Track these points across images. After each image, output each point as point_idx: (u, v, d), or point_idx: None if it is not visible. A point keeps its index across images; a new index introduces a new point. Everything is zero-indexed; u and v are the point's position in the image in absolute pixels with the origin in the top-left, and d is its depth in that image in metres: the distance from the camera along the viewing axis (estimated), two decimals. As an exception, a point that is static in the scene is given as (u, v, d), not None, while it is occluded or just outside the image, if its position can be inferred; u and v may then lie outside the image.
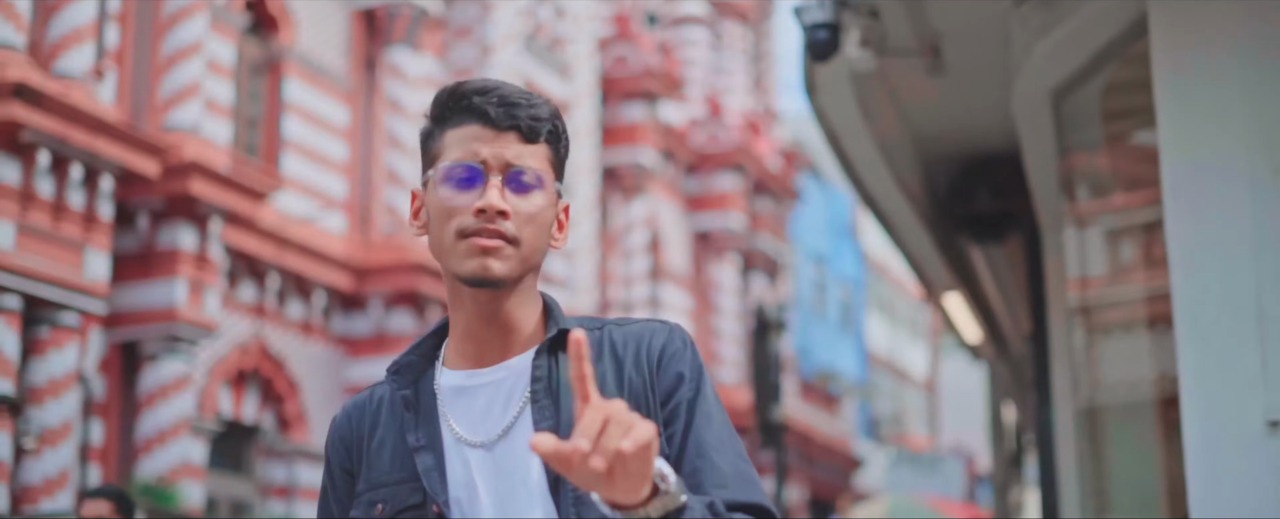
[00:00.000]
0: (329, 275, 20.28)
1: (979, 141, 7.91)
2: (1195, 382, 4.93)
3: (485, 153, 2.21)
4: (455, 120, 2.26)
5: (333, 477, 2.35)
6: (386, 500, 2.26)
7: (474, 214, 2.19)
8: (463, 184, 2.21)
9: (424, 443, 2.26)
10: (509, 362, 2.28)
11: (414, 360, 2.33)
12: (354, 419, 2.36)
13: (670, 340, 2.31)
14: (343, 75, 21.45)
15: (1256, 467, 4.74)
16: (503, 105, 2.23)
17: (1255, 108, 4.90)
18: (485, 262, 2.18)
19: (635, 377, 2.27)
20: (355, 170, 21.56)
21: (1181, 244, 5.03)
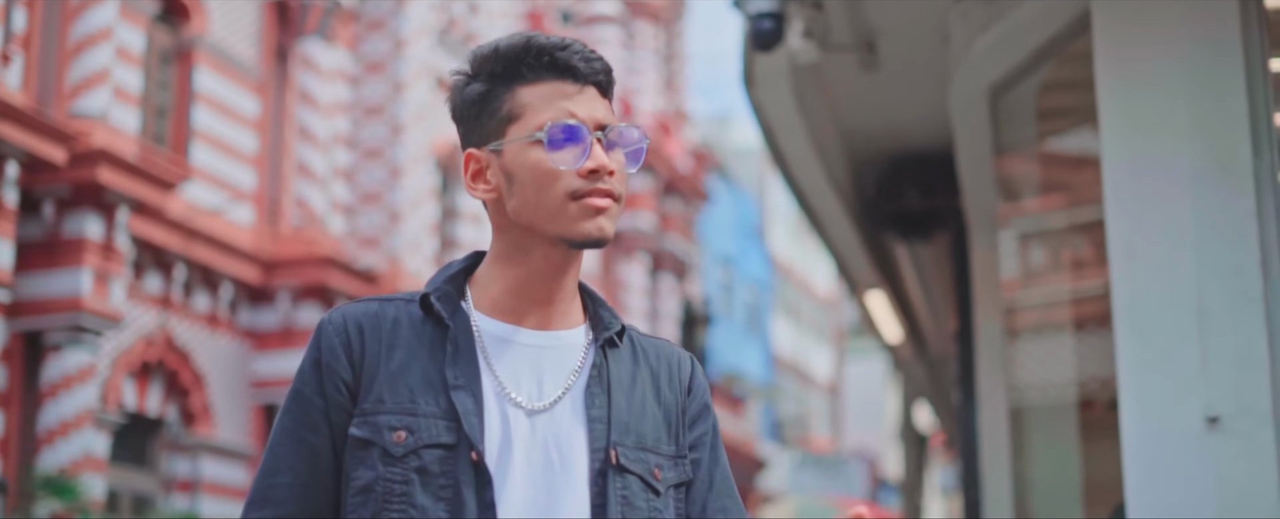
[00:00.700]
0: (237, 268, 20.05)
1: (908, 139, 7.91)
2: (1134, 378, 4.94)
3: (580, 111, 2.17)
4: (532, 77, 2.19)
5: (323, 384, 2.17)
6: (411, 429, 2.13)
7: (582, 175, 2.14)
8: (565, 144, 2.15)
9: (463, 383, 2.16)
10: (558, 332, 2.23)
11: (451, 291, 2.23)
12: (366, 330, 2.19)
13: (696, 370, 2.36)
14: (254, 66, 21.21)
15: (1195, 463, 4.75)
16: (585, 60, 2.20)
17: (1198, 104, 4.92)
18: (601, 223, 2.15)
19: (669, 395, 2.28)
20: (265, 162, 21.33)
21: (1122, 240, 5.04)
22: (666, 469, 2.22)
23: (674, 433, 2.26)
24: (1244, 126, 4.83)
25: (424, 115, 24.15)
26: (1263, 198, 4.80)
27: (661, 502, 2.19)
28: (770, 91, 6.94)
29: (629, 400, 2.21)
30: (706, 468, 2.28)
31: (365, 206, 23.52)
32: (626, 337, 2.29)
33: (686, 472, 2.25)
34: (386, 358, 2.17)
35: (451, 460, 2.11)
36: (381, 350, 2.18)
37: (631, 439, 2.19)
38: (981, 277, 7.41)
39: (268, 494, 2.19)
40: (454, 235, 25.71)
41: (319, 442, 2.18)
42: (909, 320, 11.72)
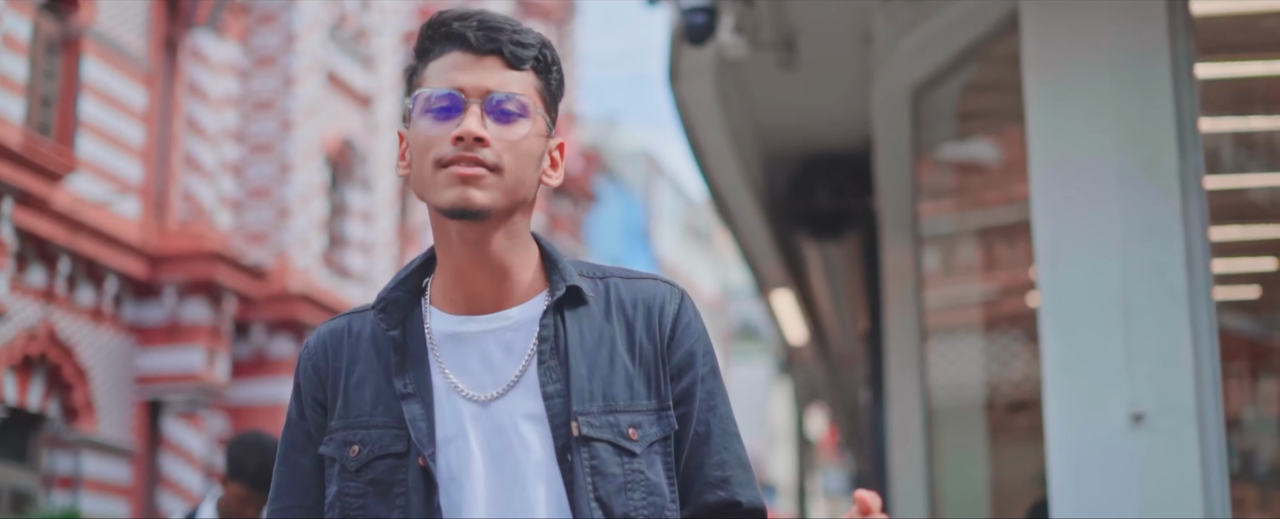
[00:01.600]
0: (122, 262, 19.71)
1: (822, 139, 7.96)
2: (1060, 374, 5.00)
3: (463, 80, 2.11)
4: (436, 50, 2.16)
5: (302, 406, 2.22)
6: (365, 443, 2.13)
7: (452, 142, 2.08)
8: (441, 114, 2.10)
9: (412, 390, 2.14)
10: (508, 311, 2.17)
11: (400, 297, 2.20)
12: (330, 348, 2.22)
13: (682, 310, 2.23)
14: (142, 57, 20.87)
15: (1119, 460, 4.82)
16: (483, 29, 2.13)
17: (1125, 106, 5.00)
18: (465, 191, 2.07)
19: (646, 344, 2.19)
20: (152, 155, 21.00)
21: (1049, 238, 5.11)
22: (647, 425, 2.14)
23: (654, 385, 2.17)
24: (1170, 129, 4.92)
25: (314, 111, 23.92)
26: (1188, 199, 4.89)
27: (642, 461, 2.12)
28: (694, 87, 6.95)
29: (592, 363, 2.14)
30: (698, 418, 2.19)
31: (253, 202, 23.26)
32: (602, 287, 2.21)
33: (672, 425, 2.17)
34: (347, 373, 2.19)
35: (403, 469, 2.11)
36: (343, 367, 2.20)
37: (597, 405, 2.12)
38: (893, 277, 7.47)
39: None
40: (343, 233, 25.49)
41: (307, 463, 2.21)
42: (813, 320, 11.78)
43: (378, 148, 26.22)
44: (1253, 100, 5.83)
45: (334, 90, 25.04)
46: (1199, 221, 4.88)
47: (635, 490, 2.11)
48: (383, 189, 26.44)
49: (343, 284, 24.92)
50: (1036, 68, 5.17)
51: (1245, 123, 5.96)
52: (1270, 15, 5.67)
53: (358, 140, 25.64)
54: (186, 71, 21.50)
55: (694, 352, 2.21)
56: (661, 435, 2.16)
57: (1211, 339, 4.84)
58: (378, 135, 26.24)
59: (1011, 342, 7.90)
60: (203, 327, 20.54)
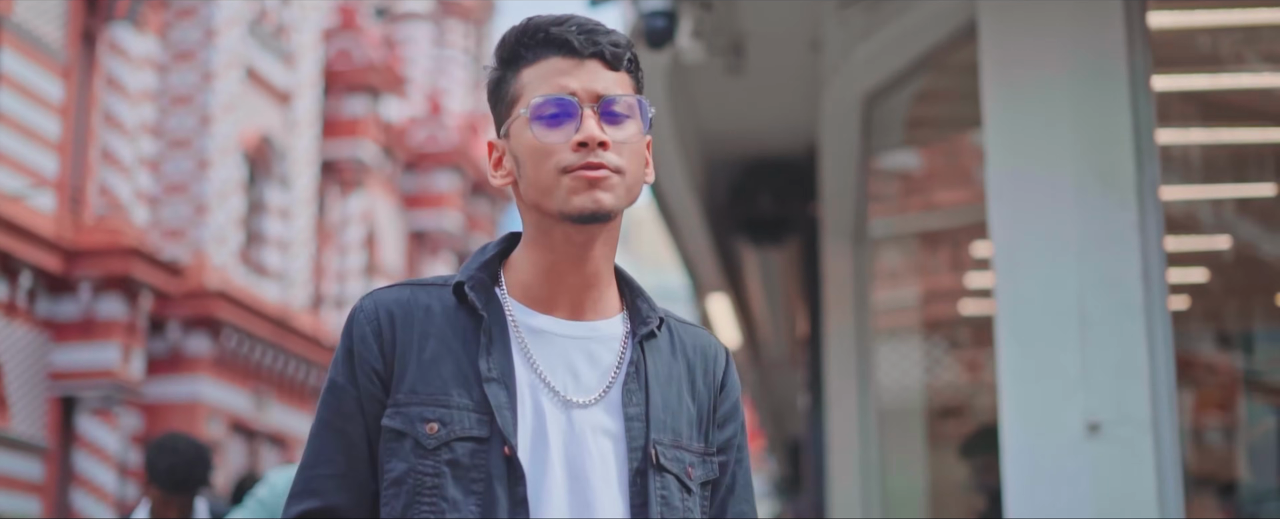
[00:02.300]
0: (36, 255, 19.42)
1: (764, 145, 7.97)
2: (1016, 384, 5.02)
3: (574, 85, 2.09)
4: (531, 57, 2.13)
5: (354, 373, 2.13)
6: (444, 422, 2.08)
7: (573, 149, 2.06)
8: (555, 120, 2.08)
9: (496, 375, 2.10)
10: (594, 323, 2.17)
11: (484, 279, 2.17)
12: (397, 319, 2.14)
13: (730, 367, 2.29)
14: (60, 49, 20.57)
15: (1074, 469, 4.85)
16: (583, 32, 2.11)
17: (1082, 115, 5.03)
18: (595, 195, 2.06)
19: (703, 391, 2.23)
20: (68, 148, 20.71)
21: (1006, 248, 5.13)
22: (697, 467, 2.18)
23: (704, 430, 2.20)
24: (1127, 141, 4.95)
25: (233, 106, 23.71)
26: (1144, 211, 4.92)
27: (693, 500, 2.16)
28: (645, 91, 6.90)
29: (665, 397, 2.16)
30: (732, 470, 2.24)
31: (171, 197, 23.02)
32: (665, 326, 2.22)
33: (713, 470, 2.21)
34: (419, 347, 2.12)
35: (484, 454, 2.07)
36: (413, 339, 2.13)
37: (668, 437, 2.14)
38: (834, 282, 7.49)
39: (310, 486, 2.14)
40: (261, 229, 25.27)
41: (355, 431, 2.13)
42: (747, 325, 11.80)
43: (296, 144, 26.03)
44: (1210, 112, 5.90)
45: (253, 86, 24.82)
46: (1155, 234, 4.92)
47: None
48: (301, 186, 26.24)
49: (260, 281, 24.70)
50: (994, 78, 5.19)
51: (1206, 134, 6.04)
52: (1226, 28, 5.74)
53: (276, 137, 25.43)
54: (104, 65, 21.24)
55: (737, 405, 2.27)
56: (706, 479, 2.20)
57: (1167, 350, 4.88)
58: (296, 132, 26.04)
59: (942, 347, 7.96)
60: (118, 323, 20.30)
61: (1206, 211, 6.65)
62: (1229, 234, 6.95)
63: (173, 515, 5.54)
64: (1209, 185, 6.44)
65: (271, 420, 24.52)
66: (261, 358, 23.92)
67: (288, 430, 25.11)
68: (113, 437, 20.21)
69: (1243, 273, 6.99)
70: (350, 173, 28.72)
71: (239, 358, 23.31)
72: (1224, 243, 7.04)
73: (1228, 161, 6.49)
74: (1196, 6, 5.60)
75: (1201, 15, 5.66)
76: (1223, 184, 6.54)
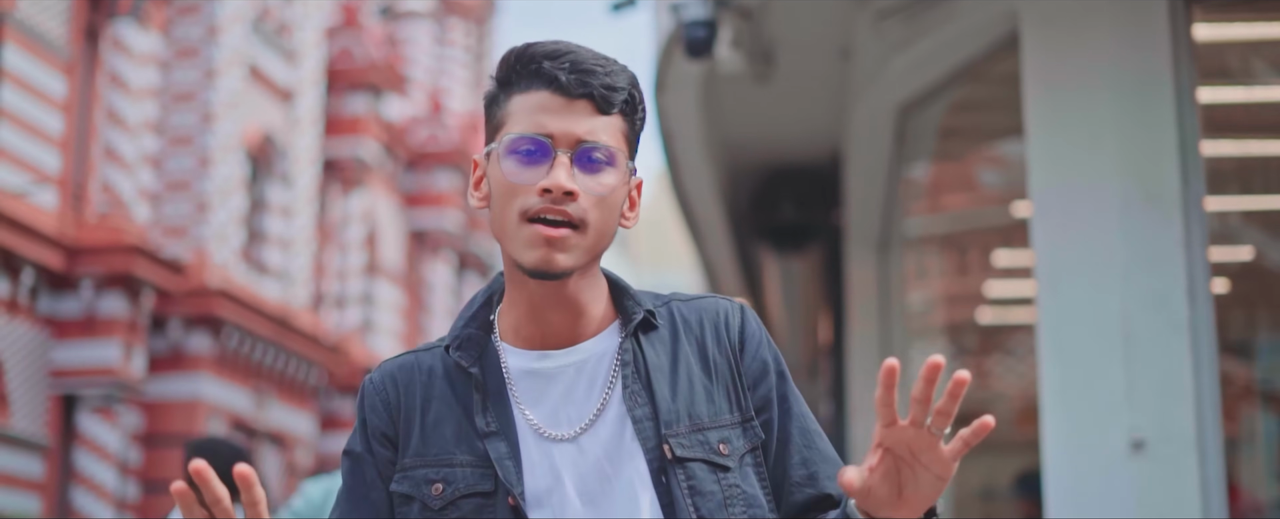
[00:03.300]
0: (38, 253, 19.35)
1: (789, 153, 7.94)
2: (1058, 401, 4.99)
3: (553, 126, 2.03)
4: (522, 85, 2.07)
5: (370, 442, 2.15)
6: (449, 481, 2.07)
7: (539, 193, 2.01)
8: (528, 158, 2.02)
9: (495, 428, 2.08)
10: (584, 344, 2.11)
11: (474, 333, 2.14)
12: (401, 384, 2.15)
13: (747, 322, 2.19)
14: (63, 45, 20.50)
15: (1118, 487, 4.81)
16: (575, 72, 2.04)
17: (1127, 133, 4.99)
18: (549, 254, 2.01)
19: (719, 358, 2.14)
20: (71, 145, 20.64)
21: (1048, 263, 5.09)
22: (734, 438, 2.10)
23: (735, 398, 2.12)
24: (1172, 156, 4.92)
25: (236, 104, 23.65)
26: (1190, 227, 4.89)
27: (736, 475, 2.09)
28: (678, 99, 6.90)
29: (674, 385, 2.11)
30: (778, 425, 2.14)
31: (172, 195, 22.96)
32: (666, 312, 2.17)
33: (758, 434, 2.12)
34: (423, 410, 2.13)
35: (490, 508, 2.06)
36: (417, 404, 2.14)
37: (684, 424, 2.08)
38: (858, 290, 7.45)
39: None
40: (262, 228, 25.21)
41: (379, 498, 2.15)
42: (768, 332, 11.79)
43: (298, 142, 25.98)
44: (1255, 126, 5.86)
45: (255, 84, 24.76)
46: (1201, 250, 4.89)
47: (735, 505, 2.07)
48: (303, 184, 26.18)
49: (261, 280, 24.65)
50: (1037, 91, 5.16)
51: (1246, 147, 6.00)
52: (1272, 42, 5.70)
53: (278, 135, 25.37)
54: (107, 61, 21.17)
55: (765, 360, 2.17)
56: (750, 446, 2.12)
57: (1211, 367, 4.85)
58: (298, 130, 25.99)
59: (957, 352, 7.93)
60: (119, 320, 20.23)
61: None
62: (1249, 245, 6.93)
63: None
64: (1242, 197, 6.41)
65: (272, 419, 24.47)
66: (262, 356, 23.87)
67: (288, 429, 25.06)
68: (113, 435, 20.15)
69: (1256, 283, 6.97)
70: (351, 171, 28.66)
71: (240, 356, 23.26)
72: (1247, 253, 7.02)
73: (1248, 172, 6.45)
74: (1242, 19, 5.56)
75: (1248, 27, 5.61)
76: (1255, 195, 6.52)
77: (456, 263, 34.21)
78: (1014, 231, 6.58)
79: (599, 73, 2.06)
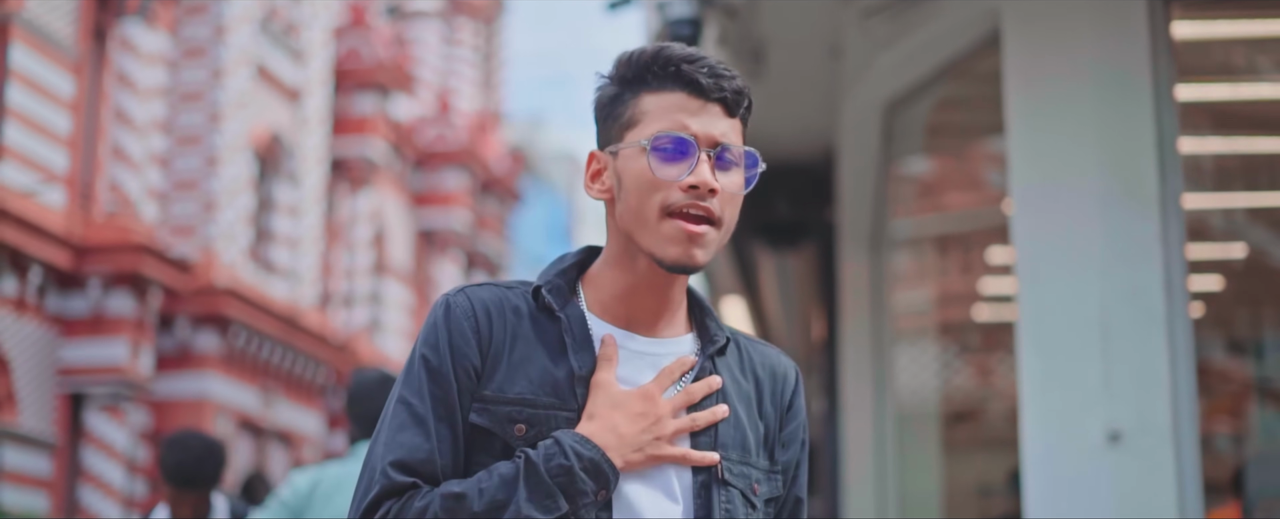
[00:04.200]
0: (46, 251, 19.45)
1: (782, 150, 7.97)
2: (1038, 394, 5.05)
3: (695, 126, 2.12)
4: (657, 85, 2.15)
5: (455, 368, 2.14)
6: (531, 422, 2.11)
7: (683, 189, 2.09)
8: (671, 156, 2.11)
9: (584, 373, 2.14)
10: (666, 340, 2.21)
11: (563, 285, 2.21)
12: (493, 316, 2.17)
13: (799, 385, 2.32)
14: (71, 45, 20.60)
15: (1095, 478, 4.87)
16: (713, 75, 2.13)
17: (1106, 129, 5.05)
18: (691, 250, 2.10)
19: (770, 408, 2.26)
20: (79, 144, 20.73)
21: (1028, 257, 5.15)
22: (765, 483, 2.22)
23: (770, 447, 2.24)
24: (1151, 152, 4.97)
25: (243, 104, 23.74)
26: (1167, 222, 4.94)
27: (758, 515, 2.20)
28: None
29: (735, 413, 2.20)
30: (788, 492, 2.28)
31: (180, 194, 23.05)
32: (733, 343, 2.26)
33: (779, 488, 2.25)
34: (510, 347, 2.16)
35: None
36: (506, 339, 2.16)
37: (737, 453, 2.18)
38: (851, 287, 7.50)
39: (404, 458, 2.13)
40: (270, 228, 25.31)
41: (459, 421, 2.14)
42: (762, 329, 11.83)
43: (306, 142, 26.07)
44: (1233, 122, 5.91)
45: (263, 83, 24.85)
46: (1178, 245, 4.94)
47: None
48: (310, 184, 26.27)
49: (269, 279, 24.74)
50: (1018, 88, 5.22)
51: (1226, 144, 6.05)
52: (1250, 39, 5.76)
53: (286, 134, 25.47)
54: (115, 61, 21.27)
55: (799, 431, 2.30)
56: (772, 495, 2.24)
57: (1188, 360, 4.90)
58: (306, 129, 26.08)
59: (953, 351, 7.97)
60: (127, 319, 20.33)
61: (1222, 219, 6.68)
62: (1243, 241, 6.97)
63: (187, 512, 5.57)
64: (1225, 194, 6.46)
65: (279, 418, 24.56)
66: (270, 355, 23.96)
67: (296, 428, 25.15)
68: (121, 433, 20.24)
69: (1257, 280, 7.01)
70: (359, 171, 28.75)
71: (247, 355, 23.35)
72: (1239, 250, 7.06)
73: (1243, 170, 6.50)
74: (1221, 17, 5.62)
75: (1226, 25, 5.67)
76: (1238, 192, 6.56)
77: (465, 262, 34.28)
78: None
79: (730, 77, 2.16)
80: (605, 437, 2.08)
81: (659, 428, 2.11)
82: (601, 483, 2.08)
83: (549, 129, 47.81)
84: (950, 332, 8.05)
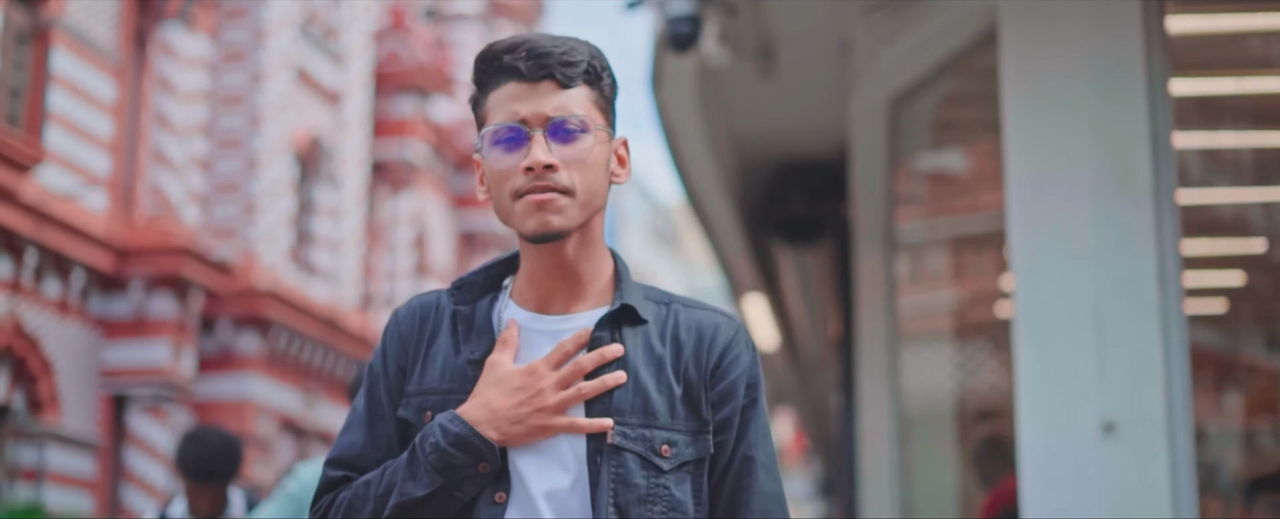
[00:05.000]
0: (89, 254, 19.66)
1: (798, 147, 8.05)
2: (1033, 385, 5.09)
3: (524, 110, 2.23)
4: (493, 83, 2.28)
5: (386, 368, 2.34)
6: (436, 408, 2.26)
7: (523, 173, 2.21)
8: (508, 145, 2.23)
9: (478, 357, 2.27)
10: (573, 315, 2.30)
11: (479, 281, 2.35)
12: (418, 318, 2.35)
13: (734, 341, 2.34)
14: (112, 49, 20.81)
15: (1090, 469, 4.91)
16: (532, 58, 2.24)
17: (1100, 122, 5.09)
18: (543, 217, 2.20)
19: (693, 370, 2.30)
20: (121, 148, 20.95)
21: (1024, 252, 5.19)
22: (683, 445, 2.25)
23: (696, 408, 2.27)
24: (1144, 145, 5.01)
25: (284, 107, 23.91)
26: (1161, 214, 4.98)
27: (671, 478, 2.23)
28: (675, 94, 7.04)
29: (638, 379, 2.26)
30: (735, 449, 2.29)
31: (221, 197, 23.23)
32: (665, 312, 2.33)
33: (708, 447, 2.27)
34: (429, 344, 2.33)
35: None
36: (427, 338, 2.34)
37: (636, 418, 2.24)
38: (866, 284, 7.55)
39: (342, 455, 2.34)
40: (310, 229, 25.48)
41: (392, 417, 2.34)
42: (784, 326, 11.87)
43: (346, 144, 26.23)
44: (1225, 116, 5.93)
45: (303, 87, 25.02)
46: (1171, 236, 4.98)
47: (656, 504, 2.22)
48: (350, 186, 26.43)
49: (309, 280, 24.91)
50: (1014, 82, 5.26)
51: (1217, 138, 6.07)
52: (1244, 34, 5.78)
53: (326, 137, 25.63)
54: (156, 65, 21.46)
55: (737, 384, 2.31)
56: (696, 457, 2.27)
57: (1182, 351, 4.94)
58: (346, 132, 26.24)
59: (977, 350, 7.99)
60: (169, 321, 20.51)
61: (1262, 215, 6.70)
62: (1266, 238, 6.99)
63: (205, 505, 5.67)
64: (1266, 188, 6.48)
65: (320, 419, 24.72)
66: (311, 357, 24.13)
67: (337, 429, 25.27)
68: (163, 434, 20.42)
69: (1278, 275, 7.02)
70: (400, 173, 28.90)
71: (288, 357, 23.52)
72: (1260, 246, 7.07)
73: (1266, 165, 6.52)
74: (1215, 11, 5.64)
75: (1220, 19, 5.69)
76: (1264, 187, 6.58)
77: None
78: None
79: (555, 53, 2.26)
80: (477, 412, 2.19)
81: (539, 400, 2.20)
82: (476, 456, 2.18)
83: (592, 130, 47.78)
84: (980, 331, 8.07)
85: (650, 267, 51.67)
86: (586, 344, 2.26)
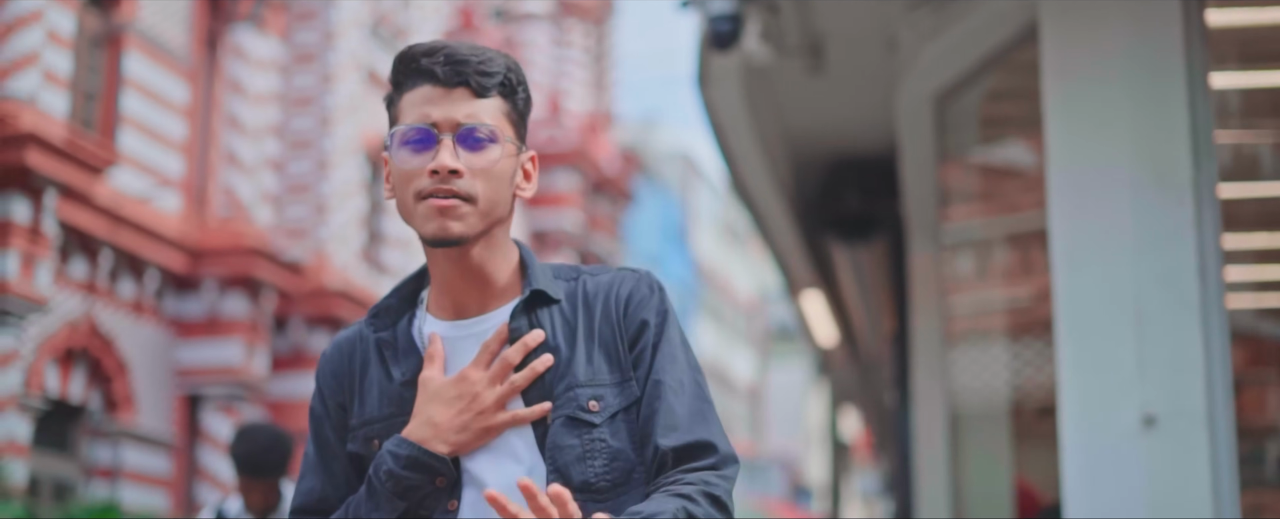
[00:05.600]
0: (163, 255, 19.93)
1: (850, 143, 8.07)
2: (1074, 379, 5.09)
3: (435, 114, 2.27)
4: (409, 84, 2.32)
5: (326, 407, 2.40)
6: (382, 435, 2.33)
7: (428, 175, 2.24)
8: (416, 146, 2.27)
9: (408, 378, 2.33)
10: (490, 314, 2.35)
11: (393, 304, 2.41)
12: (345, 353, 2.41)
13: (637, 287, 2.39)
14: (184, 52, 21.08)
15: (1130, 463, 4.91)
16: (450, 64, 2.28)
17: (1140, 116, 5.08)
18: (443, 223, 2.24)
19: (604, 327, 2.35)
20: (194, 150, 21.21)
21: (1064, 245, 5.20)
22: (610, 397, 2.30)
23: (616, 359, 2.33)
24: (1184, 139, 5.00)
25: (354, 108, 24.10)
26: (1201, 208, 4.97)
27: (604, 430, 2.29)
28: (722, 92, 7.08)
29: (560, 356, 2.32)
30: (642, 382, 2.33)
31: (293, 197, 23.45)
32: (574, 285, 2.38)
33: (634, 392, 2.32)
34: (362, 377, 2.39)
35: None
36: (358, 371, 2.40)
37: (561, 386, 2.30)
38: (919, 281, 7.56)
39: (303, 500, 2.43)
40: (381, 229, 25.68)
41: (342, 455, 2.41)
42: (843, 322, 11.88)
43: (417, 145, 26.38)
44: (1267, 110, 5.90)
45: (374, 88, 25.20)
46: (1212, 230, 4.97)
47: (596, 459, 2.28)
48: (421, 186, 26.59)
49: (381, 280, 25.09)
50: (1054, 78, 5.26)
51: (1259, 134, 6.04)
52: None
53: (397, 137, 25.79)
54: (227, 67, 21.70)
55: (646, 321, 2.36)
56: (624, 405, 2.32)
57: (1223, 345, 4.93)
58: (417, 133, 26.39)
59: (1044, 347, 7.97)
60: (241, 321, 20.74)
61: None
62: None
63: (257, 500, 5.79)
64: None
65: (392, 417, 24.89)
66: (382, 355, 24.29)
67: (408, 426, 25.42)
68: (236, 432, 20.64)
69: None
70: (470, 173, 29.03)
71: (360, 355, 23.69)
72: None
73: None
74: (1257, 4, 5.62)
75: (1261, 12, 5.67)
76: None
77: (577, 262, 34.50)
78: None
79: (473, 61, 2.30)
80: (422, 430, 2.25)
81: (478, 404, 2.25)
82: (430, 473, 2.24)
83: (662, 129, 47.91)
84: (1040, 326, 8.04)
85: (722, 265, 51.66)
86: (507, 339, 2.31)
